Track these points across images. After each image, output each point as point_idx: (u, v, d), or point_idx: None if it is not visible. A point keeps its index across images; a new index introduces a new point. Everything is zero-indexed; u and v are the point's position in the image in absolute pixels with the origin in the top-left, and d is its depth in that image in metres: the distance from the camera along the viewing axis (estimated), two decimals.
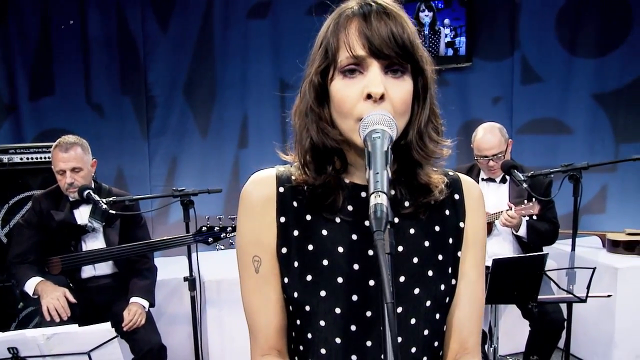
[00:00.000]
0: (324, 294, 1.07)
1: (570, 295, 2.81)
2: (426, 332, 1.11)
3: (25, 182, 3.56)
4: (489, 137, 3.33)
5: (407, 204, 1.12)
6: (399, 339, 1.07)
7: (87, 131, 3.43)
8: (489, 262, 2.62)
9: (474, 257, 1.17)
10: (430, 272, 1.11)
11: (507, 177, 3.36)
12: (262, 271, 1.12)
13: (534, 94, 4.69)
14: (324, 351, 1.09)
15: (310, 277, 1.08)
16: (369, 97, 1.00)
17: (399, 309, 1.07)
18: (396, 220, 1.08)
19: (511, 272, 2.70)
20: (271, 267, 1.11)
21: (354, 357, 1.08)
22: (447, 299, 1.14)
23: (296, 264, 1.10)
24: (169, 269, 3.64)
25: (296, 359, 1.14)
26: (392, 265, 0.84)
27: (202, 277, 3.51)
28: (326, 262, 1.08)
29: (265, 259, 1.11)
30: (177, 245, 3.11)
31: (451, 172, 1.19)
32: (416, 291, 1.09)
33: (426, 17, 4.48)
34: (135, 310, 3.01)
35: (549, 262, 2.77)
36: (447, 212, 1.15)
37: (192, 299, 3.11)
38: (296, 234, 1.11)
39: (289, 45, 4.37)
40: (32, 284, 2.95)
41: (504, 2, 4.66)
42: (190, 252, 3.09)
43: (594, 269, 2.72)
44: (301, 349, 1.12)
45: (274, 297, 1.12)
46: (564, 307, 3.10)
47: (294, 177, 1.12)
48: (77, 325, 2.29)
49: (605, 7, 4.62)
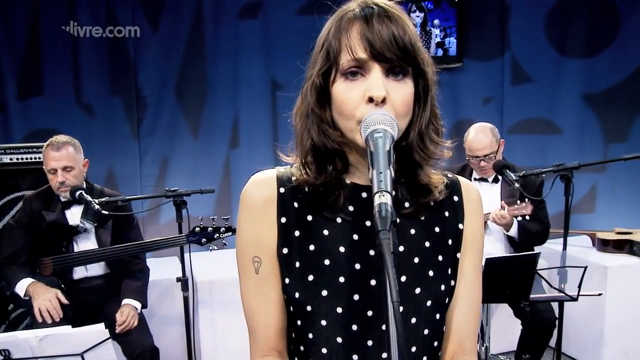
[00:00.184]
0: (326, 293, 1.07)
1: (562, 294, 2.83)
2: (426, 331, 1.11)
3: (14, 183, 3.53)
4: (481, 137, 3.34)
5: (407, 204, 1.12)
6: None
7: (77, 131, 3.39)
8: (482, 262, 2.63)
9: (472, 259, 1.18)
10: (430, 272, 1.11)
11: (500, 177, 3.38)
12: (262, 272, 1.11)
13: (524, 94, 4.73)
14: (325, 351, 1.09)
15: (311, 277, 1.08)
16: (371, 100, 1.00)
17: (400, 308, 1.08)
18: (397, 220, 1.08)
19: (503, 272, 2.71)
20: (271, 267, 1.11)
21: (355, 356, 1.08)
22: (447, 299, 1.14)
23: (297, 264, 1.09)
24: (160, 269, 3.61)
25: (296, 359, 1.14)
26: (395, 265, 0.84)
27: (194, 277, 3.49)
28: (328, 262, 1.08)
29: (265, 260, 1.11)
30: (170, 245, 3.09)
31: (450, 174, 1.19)
32: (417, 291, 1.09)
33: (417, 17, 4.49)
34: (128, 311, 2.99)
35: (540, 261, 2.78)
36: (447, 213, 1.16)
37: (185, 300, 3.09)
38: (297, 234, 1.10)
39: (280, 45, 4.37)
40: (23, 286, 2.93)
41: (494, 3, 4.69)
42: (183, 253, 3.07)
43: (586, 268, 2.74)
44: (302, 349, 1.12)
45: (274, 298, 1.12)
46: (555, 306, 3.12)
47: (294, 178, 1.12)
48: (70, 326, 2.28)
49: (593, 9, 4.66)
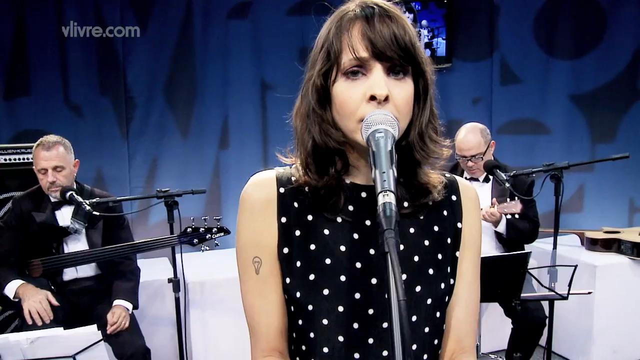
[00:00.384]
0: (327, 292, 1.07)
1: (552, 292, 2.85)
2: (427, 329, 1.12)
3: (2, 184, 3.49)
4: (470, 137, 3.37)
5: (406, 204, 1.13)
6: None
7: (65, 132, 3.35)
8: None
9: (470, 257, 1.19)
10: (430, 271, 1.12)
11: (490, 177, 3.41)
12: (263, 272, 1.11)
13: (513, 94, 4.76)
14: (326, 350, 1.09)
15: (312, 277, 1.08)
16: (373, 98, 1.00)
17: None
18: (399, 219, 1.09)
19: (495, 271, 2.73)
20: (272, 268, 1.11)
21: (357, 355, 1.08)
22: (447, 297, 1.15)
23: (298, 264, 1.09)
24: (150, 270, 3.59)
25: (297, 359, 1.14)
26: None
27: (185, 278, 3.48)
28: (329, 261, 1.09)
29: (265, 260, 1.11)
30: (162, 246, 3.07)
31: (447, 174, 1.20)
32: (417, 289, 1.10)
33: (407, 18, 4.51)
34: (119, 312, 2.97)
35: (530, 261, 2.80)
36: (445, 212, 1.17)
37: (177, 301, 3.08)
38: (298, 234, 1.10)
39: (269, 45, 4.36)
40: (12, 287, 2.89)
41: (483, 4, 4.71)
42: (174, 254, 3.06)
43: (576, 267, 2.76)
44: (303, 349, 1.12)
45: (274, 298, 1.12)
46: (545, 304, 3.15)
47: (294, 179, 1.12)
48: (62, 328, 2.26)
49: (580, 10, 4.70)
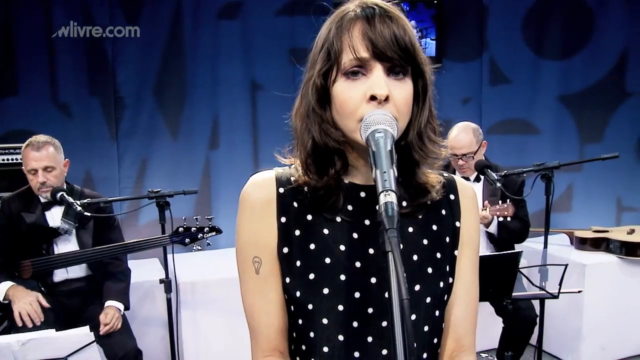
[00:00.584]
0: (327, 291, 1.08)
1: (543, 291, 2.87)
2: (426, 328, 1.12)
3: None
4: (461, 136, 3.39)
5: (404, 203, 1.13)
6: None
7: (54, 132, 3.32)
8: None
9: (469, 256, 1.19)
10: (429, 270, 1.12)
11: (481, 176, 3.42)
12: (263, 272, 1.11)
13: (502, 95, 4.78)
14: (326, 349, 1.09)
15: (312, 276, 1.08)
16: (373, 98, 1.00)
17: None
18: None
19: (486, 270, 2.70)
20: (272, 267, 1.11)
21: (357, 353, 1.09)
22: (446, 296, 1.15)
23: (298, 263, 1.10)
24: (141, 271, 3.57)
25: (298, 359, 1.14)
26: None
27: (177, 278, 3.46)
28: (328, 261, 1.09)
29: (265, 260, 1.11)
30: (153, 246, 3.05)
31: (446, 174, 1.21)
32: (416, 288, 1.10)
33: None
34: (113, 313, 2.95)
35: (520, 260, 2.82)
36: (444, 211, 1.17)
37: (168, 302, 3.07)
38: (297, 233, 1.11)
39: (259, 45, 4.36)
40: (2, 289, 2.87)
41: (472, 5, 4.74)
42: (166, 254, 3.04)
43: (566, 266, 2.78)
44: (303, 348, 1.12)
45: (274, 298, 1.12)
46: (536, 303, 3.16)
47: (294, 179, 1.12)
48: (54, 330, 2.24)
49: (568, 11, 4.73)
